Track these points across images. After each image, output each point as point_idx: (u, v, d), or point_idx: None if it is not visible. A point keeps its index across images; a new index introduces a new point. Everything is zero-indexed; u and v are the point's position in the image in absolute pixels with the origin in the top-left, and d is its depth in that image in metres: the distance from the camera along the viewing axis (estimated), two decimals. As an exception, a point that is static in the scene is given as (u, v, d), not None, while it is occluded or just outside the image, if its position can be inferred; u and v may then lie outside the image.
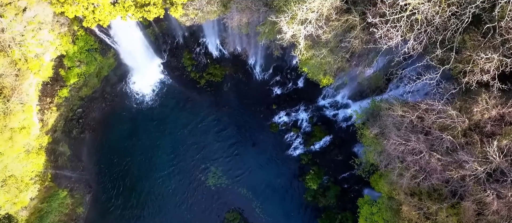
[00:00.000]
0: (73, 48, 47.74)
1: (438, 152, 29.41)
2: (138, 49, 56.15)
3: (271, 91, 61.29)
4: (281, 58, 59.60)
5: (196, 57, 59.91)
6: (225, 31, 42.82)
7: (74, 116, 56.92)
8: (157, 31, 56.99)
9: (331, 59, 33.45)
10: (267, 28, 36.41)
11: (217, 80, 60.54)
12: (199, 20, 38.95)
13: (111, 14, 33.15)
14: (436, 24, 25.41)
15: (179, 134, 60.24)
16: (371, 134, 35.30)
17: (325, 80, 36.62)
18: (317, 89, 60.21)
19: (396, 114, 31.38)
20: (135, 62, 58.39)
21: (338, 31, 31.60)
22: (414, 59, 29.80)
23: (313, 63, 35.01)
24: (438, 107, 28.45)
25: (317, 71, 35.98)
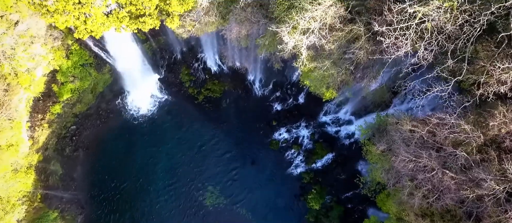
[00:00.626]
0: (66, 63, 46.10)
1: (452, 170, 27.27)
2: (135, 64, 54.60)
3: (271, 107, 59.47)
4: (282, 73, 58.09)
5: (194, 73, 58.34)
6: (224, 44, 41.42)
7: (68, 133, 54.79)
8: (154, 46, 55.60)
9: (334, 72, 31.70)
10: (267, 40, 34.85)
11: (215, 96, 58.76)
12: (197, 32, 37.42)
13: (105, 25, 31.59)
14: (448, 32, 23.76)
15: (176, 152, 58.00)
16: (378, 150, 33.21)
17: (328, 93, 34.80)
18: (319, 105, 58.53)
19: (405, 129, 29.38)
20: (132, 78, 56.71)
21: (341, 42, 29.98)
22: (423, 71, 28.02)
23: (315, 76, 33.26)
24: (451, 122, 26.48)
25: (320, 84, 34.19)
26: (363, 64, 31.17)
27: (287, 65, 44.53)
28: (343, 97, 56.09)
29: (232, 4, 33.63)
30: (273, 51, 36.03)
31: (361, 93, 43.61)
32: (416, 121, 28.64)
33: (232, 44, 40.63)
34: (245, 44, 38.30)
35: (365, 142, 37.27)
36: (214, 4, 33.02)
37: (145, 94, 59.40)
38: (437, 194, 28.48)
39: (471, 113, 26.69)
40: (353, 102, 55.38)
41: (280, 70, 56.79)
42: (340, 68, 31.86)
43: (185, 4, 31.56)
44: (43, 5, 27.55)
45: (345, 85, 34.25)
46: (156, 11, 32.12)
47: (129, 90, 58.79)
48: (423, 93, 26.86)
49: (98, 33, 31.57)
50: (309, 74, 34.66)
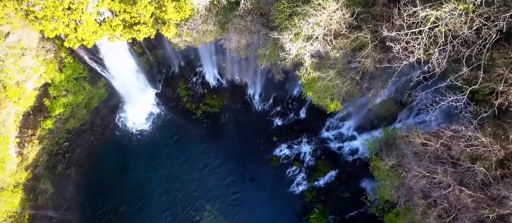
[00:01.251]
0: (59, 76, 44.27)
1: (470, 187, 25.00)
2: (131, 79, 52.84)
3: (272, 122, 57.38)
4: (282, 87, 56.33)
5: (192, 87, 56.51)
6: (223, 55, 39.74)
7: (60, 150, 52.37)
8: (151, 60, 53.99)
9: (339, 82, 29.81)
10: (268, 50, 33.13)
11: (214, 111, 56.75)
12: (195, 43, 35.74)
13: (97, 34, 29.87)
14: (464, 37, 22.00)
15: (173, 169, 55.46)
16: (387, 165, 30.97)
17: (333, 105, 32.79)
18: (320, 120, 56.55)
19: (417, 142, 27.24)
20: (128, 92, 54.86)
21: (346, 50, 28.22)
22: (434, 80, 26.14)
23: (319, 87, 31.33)
24: (467, 134, 24.39)
25: (324, 96, 32.22)
26: (369, 73, 29.31)
27: (288, 76, 42.76)
28: (346, 112, 54.25)
29: (231, 13, 32.07)
30: (274, 61, 34.29)
31: (367, 106, 41.64)
32: (428, 134, 26.53)
33: (231, 55, 38.93)
34: (244, 55, 36.58)
35: (372, 157, 35.04)
36: (212, 12, 31.45)
37: (141, 110, 57.38)
38: (454, 214, 26.09)
39: (488, 124, 24.64)
40: (356, 117, 53.43)
41: (280, 85, 55.10)
42: (345, 78, 29.99)
43: (182, 12, 29.95)
44: (30, 11, 25.89)
45: (350, 96, 32.30)
46: (152, 19, 30.50)
47: (125, 105, 56.81)
48: (436, 103, 24.85)
49: (90, 42, 29.81)
50: (312, 85, 32.78)
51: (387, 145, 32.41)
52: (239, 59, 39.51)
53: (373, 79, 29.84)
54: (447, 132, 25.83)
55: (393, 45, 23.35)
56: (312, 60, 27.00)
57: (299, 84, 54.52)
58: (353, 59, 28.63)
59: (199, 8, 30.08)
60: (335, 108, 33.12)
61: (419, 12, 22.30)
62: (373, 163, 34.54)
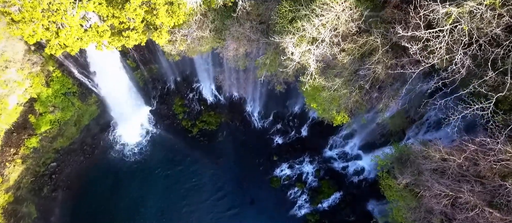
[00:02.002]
0: (46, 91, 41.40)
1: (501, 208, 21.72)
2: (124, 95, 49.98)
3: (272, 140, 54.20)
4: (283, 104, 53.58)
5: (188, 104, 53.66)
6: (220, 66, 37.08)
7: (46, 171, 48.81)
8: (146, 75, 51.35)
9: (346, 91, 26.98)
10: (268, 59, 30.49)
11: (211, 129, 53.64)
12: (190, 52, 33.15)
13: (82, 41, 27.21)
14: (491, 35, 19.35)
15: (167, 191, 51.74)
16: (401, 184, 27.67)
17: (339, 117, 29.80)
18: (323, 138, 53.48)
19: (436, 157, 24.11)
20: (120, 110, 51.85)
21: (355, 56, 25.55)
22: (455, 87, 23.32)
23: (324, 97, 28.44)
24: (496, 148, 21.33)
25: (329, 107, 29.29)
26: (380, 82, 26.53)
27: (290, 88, 39.98)
28: (351, 130, 51.29)
29: (228, 19, 29.62)
30: (275, 71, 31.59)
31: (376, 120, 38.69)
32: (450, 148, 23.45)
33: (229, 66, 36.35)
34: (243, 66, 33.95)
35: (383, 175, 31.75)
36: (208, 17, 28.98)
37: (134, 128, 54.24)
38: (483, 239, 22.62)
39: (519, 136, 21.66)
40: (361, 135, 50.41)
41: (281, 101, 52.41)
42: (353, 87, 27.17)
43: (175, 17, 27.44)
44: (6, 13, 23.34)
45: (358, 108, 29.39)
46: (142, 25, 27.96)
47: (117, 123, 53.70)
48: (459, 112, 21.91)
49: (74, 48, 27.09)
50: (315, 96, 29.92)
51: (400, 162, 29.22)
52: (237, 70, 36.88)
53: (384, 88, 27.02)
54: (471, 145, 22.76)
55: (410, 46, 20.65)
56: (317, 65, 24.23)
57: (301, 100, 51.86)
58: (361, 66, 25.92)
59: (194, 12, 27.59)
60: (342, 121, 30.14)
61: (439, 9, 19.76)
62: (384, 181, 31.24)
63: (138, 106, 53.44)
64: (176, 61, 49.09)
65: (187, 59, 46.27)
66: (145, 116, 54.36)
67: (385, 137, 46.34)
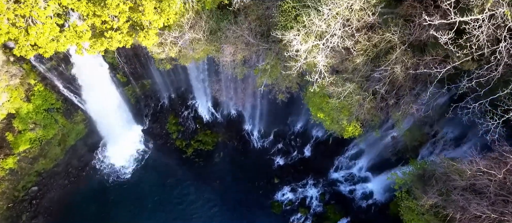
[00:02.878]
0: (26, 107, 37.71)
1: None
2: (114, 113, 46.25)
3: (272, 161, 50.00)
4: (284, 122, 49.84)
5: (183, 122, 49.86)
6: (216, 75, 33.59)
7: (26, 196, 44.28)
8: (138, 92, 47.85)
9: (359, 97, 23.35)
10: (269, 65, 27.07)
11: (207, 149, 49.54)
12: (183, 60, 29.81)
13: (59, 43, 23.86)
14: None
15: (159, 218, 47.02)
16: (426, 204, 23.46)
17: (351, 128, 25.95)
18: (328, 158, 49.35)
19: (468, 173, 20.13)
20: (110, 129, 48.01)
21: (369, 56, 22.12)
22: (488, 89, 19.72)
23: (332, 107, 24.75)
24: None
25: (339, 116, 25.52)
26: (397, 86, 22.96)
27: (293, 99, 36.44)
28: (358, 149, 47.33)
29: (224, 20, 26.44)
30: (276, 78, 28.09)
31: (391, 133, 34.88)
32: (487, 160, 19.52)
33: (226, 74, 32.93)
34: (241, 75, 30.51)
35: (402, 195, 27.52)
36: (202, 18, 25.78)
37: (124, 149, 50.11)
38: (535, 272, 18.27)
39: None
40: (369, 155, 46.38)
41: (282, 118, 48.75)
42: (367, 92, 23.57)
43: (165, 15, 24.25)
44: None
45: (371, 119, 25.65)
46: (127, 25, 24.71)
47: (106, 143, 49.66)
48: (499, 117, 18.17)
49: (48, 50, 23.63)
50: (322, 105, 26.23)
51: (422, 179, 25.14)
52: (235, 79, 33.45)
53: (402, 93, 23.40)
54: (513, 156, 18.87)
55: (439, 36, 17.21)
56: (327, 62, 20.69)
57: (303, 117, 48.19)
58: (376, 67, 22.44)
59: (185, 11, 24.41)
60: (354, 133, 26.27)
61: None
62: (404, 203, 26.97)
63: (129, 125, 49.64)
64: (171, 76, 46.11)
65: (181, 71, 43.06)
66: (137, 136, 50.41)
67: (396, 156, 42.39)
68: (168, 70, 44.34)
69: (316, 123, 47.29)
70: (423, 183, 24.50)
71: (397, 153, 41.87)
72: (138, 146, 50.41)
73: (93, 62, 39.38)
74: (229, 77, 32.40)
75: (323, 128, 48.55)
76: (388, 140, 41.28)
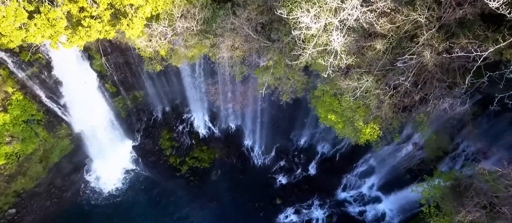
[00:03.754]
0: (2, 118, 33.75)
1: None
2: (103, 127, 42.28)
3: (274, 180, 45.51)
4: (286, 137, 45.79)
5: (177, 138, 45.75)
6: (212, 77, 29.86)
7: (2, 220, 39.51)
8: (129, 105, 44.05)
9: (379, 92, 19.52)
10: (272, 61, 23.46)
11: (203, 167, 45.16)
12: (175, 60, 26.23)
13: (28, 32, 20.34)
14: None
15: (149, 243, 42.16)
16: (466, 220, 19.09)
17: (368, 130, 21.87)
18: (335, 176, 44.93)
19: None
20: (98, 145, 43.83)
21: (391, 42, 18.52)
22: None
23: (346, 105, 20.88)
24: None
25: (353, 117, 21.58)
26: (425, 77, 19.22)
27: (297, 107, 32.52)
28: (368, 166, 43.04)
29: (222, 9, 23.07)
30: (279, 77, 24.38)
31: (414, 140, 30.79)
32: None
33: (223, 74, 29.25)
34: (239, 77, 26.85)
35: (431, 211, 23.10)
36: (195, 6, 22.39)
37: (114, 167, 45.74)
38: None
39: None
40: (381, 172, 42.07)
41: (284, 132, 44.77)
42: (387, 87, 19.78)
43: (152, 0, 20.87)
44: None
45: (392, 118, 21.71)
46: (109, 12, 21.29)
47: (93, 161, 45.33)
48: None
49: (14, 39, 20.05)
50: (334, 105, 22.37)
51: (455, 191, 20.89)
52: (233, 81, 29.72)
53: (430, 86, 19.60)
54: None
55: (489, 1, 13.64)
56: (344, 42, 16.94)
57: (307, 131, 44.20)
58: (399, 56, 18.77)
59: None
60: (372, 137, 22.19)
61: None
62: (433, 220, 22.53)
63: (119, 141, 45.47)
64: (164, 87, 42.52)
65: (175, 79, 39.57)
66: (127, 152, 46.16)
67: (410, 173, 38.16)
68: (162, 80, 41.05)
69: (322, 136, 43.52)
70: (458, 195, 20.25)
71: (411, 169, 37.70)
72: (129, 164, 46.06)
73: (80, 70, 35.95)
74: (226, 78, 28.80)
75: (330, 143, 44.54)
76: (402, 154, 37.30)
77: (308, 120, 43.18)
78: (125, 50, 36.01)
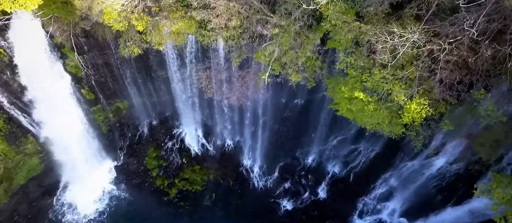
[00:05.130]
0: (-50, 124, 27.41)
1: None
2: (79, 142, 35.57)
3: (278, 206, 38.05)
4: (291, 154, 39.01)
5: (166, 156, 38.86)
6: (203, 61, 23.74)
7: (-52, 255, 31.76)
8: (111, 118, 37.57)
9: (432, 48, 13.31)
10: (278, 28, 17.55)
11: (195, 190, 37.82)
12: (155, 40, 20.45)
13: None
14: None
15: None
16: None
17: (414, 105, 14.68)
18: (349, 201, 37.63)
19: None
20: (73, 165, 36.89)
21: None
22: None
23: (378, 78, 14.55)
24: None
25: (392, 90, 15.10)
26: (500, 25, 13.12)
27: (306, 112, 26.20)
28: (388, 187, 35.90)
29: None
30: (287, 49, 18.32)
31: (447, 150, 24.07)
32: None
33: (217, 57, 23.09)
34: (237, 61, 20.85)
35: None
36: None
37: (92, 191, 38.45)
38: None
39: None
40: (403, 194, 34.89)
41: (288, 149, 38.08)
42: (442, 41, 13.60)
43: None
44: None
45: (445, 94, 15.27)
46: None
47: (68, 183, 38.17)
48: None
49: None
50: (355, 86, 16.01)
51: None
52: (229, 67, 23.50)
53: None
54: None
55: None
56: None
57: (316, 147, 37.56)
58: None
59: None
60: (419, 115, 15.18)
61: None
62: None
63: (98, 160, 38.51)
64: (152, 96, 36.40)
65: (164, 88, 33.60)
66: (107, 174, 39.04)
67: (443, 192, 31.12)
68: (148, 87, 35.03)
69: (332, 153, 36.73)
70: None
71: (445, 187, 30.66)
72: (109, 187, 38.79)
73: (50, 71, 30.02)
74: (221, 62, 22.64)
75: (342, 161, 37.69)
76: (432, 170, 30.49)
77: (316, 134, 36.80)
78: (104, 48, 30.26)
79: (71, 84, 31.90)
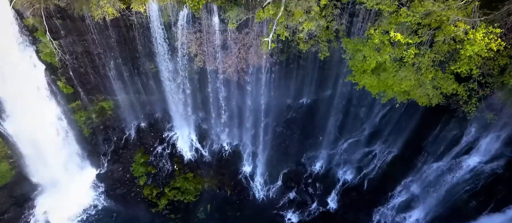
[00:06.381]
0: None
1: None
2: (54, 145, 30.70)
3: (282, 218, 32.56)
4: (296, 160, 33.92)
5: (155, 162, 33.68)
6: (193, 26, 19.24)
7: None
8: (95, 120, 32.66)
9: None
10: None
11: (188, 200, 32.40)
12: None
13: None
14: None
15: None
16: None
17: (480, 34, 9.87)
18: (364, 211, 32.22)
19: None
20: (49, 172, 31.78)
21: None
22: None
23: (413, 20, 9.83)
24: None
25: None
26: None
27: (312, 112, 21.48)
28: (409, 194, 30.63)
29: None
30: None
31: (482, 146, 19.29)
32: None
33: (208, 19, 18.49)
34: (233, 23, 16.33)
35: None
36: None
37: (70, 202, 32.99)
38: None
39: None
40: (427, 203, 29.56)
41: (293, 152, 33.12)
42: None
43: None
44: None
45: None
46: None
47: (43, 194, 32.80)
48: None
49: None
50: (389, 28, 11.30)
51: None
52: (224, 30, 18.78)
53: None
54: None
55: None
56: None
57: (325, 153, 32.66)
58: None
59: None
60: (486, 46, 10.27)
61: None
62: None
63: (78, 168, 33.38)
64: (140, 94, 31.73)
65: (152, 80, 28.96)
66: (89, 183, 33.74)
67: (478, 197, 25.93)
68: (136, 82, 30.45)
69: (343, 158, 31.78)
70: None
71: (480, 191, 25.51)
72: (91, 197, 33.40)
73: (20, 58, 25.57)
74: (214, 25, 18.05)
75: (354, 167, 32.61)
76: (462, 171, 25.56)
77: (324, 137, 31.98)
78: (84, 32, 25.86)
79: (45, 76, 27.40)
